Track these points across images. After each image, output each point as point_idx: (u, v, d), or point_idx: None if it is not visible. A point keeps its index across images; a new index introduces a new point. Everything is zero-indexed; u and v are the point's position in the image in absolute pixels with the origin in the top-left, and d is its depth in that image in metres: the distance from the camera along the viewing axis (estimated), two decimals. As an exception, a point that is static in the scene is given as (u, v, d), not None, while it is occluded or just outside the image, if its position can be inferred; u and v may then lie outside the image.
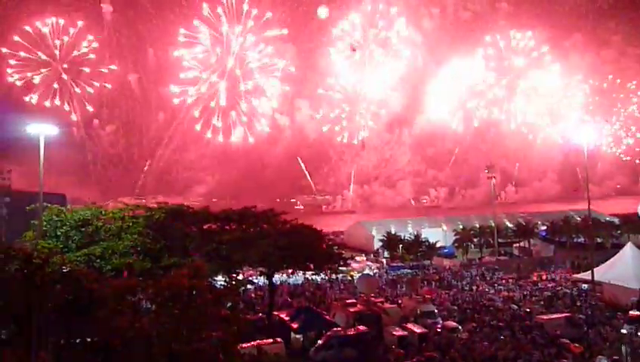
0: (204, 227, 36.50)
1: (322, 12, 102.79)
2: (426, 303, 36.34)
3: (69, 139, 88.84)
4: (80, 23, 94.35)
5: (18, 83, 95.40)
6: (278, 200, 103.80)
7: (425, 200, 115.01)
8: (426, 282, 48.83)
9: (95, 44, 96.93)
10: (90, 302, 17.51)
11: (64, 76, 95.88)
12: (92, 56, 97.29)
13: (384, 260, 63.34)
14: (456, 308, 38.23)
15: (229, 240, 33.75)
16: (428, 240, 63.38)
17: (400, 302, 38.71)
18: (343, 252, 40.31)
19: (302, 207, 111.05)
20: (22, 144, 36.39)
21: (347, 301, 36.71)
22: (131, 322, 17.31)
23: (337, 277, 46.69)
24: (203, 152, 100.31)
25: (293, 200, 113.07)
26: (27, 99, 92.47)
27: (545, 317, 32.99)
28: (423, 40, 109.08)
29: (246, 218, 36.87)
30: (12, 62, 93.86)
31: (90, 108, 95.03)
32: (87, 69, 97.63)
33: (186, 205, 39.52)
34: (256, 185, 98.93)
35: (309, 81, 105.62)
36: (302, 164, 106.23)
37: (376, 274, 53.27)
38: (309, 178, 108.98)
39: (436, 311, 35.41)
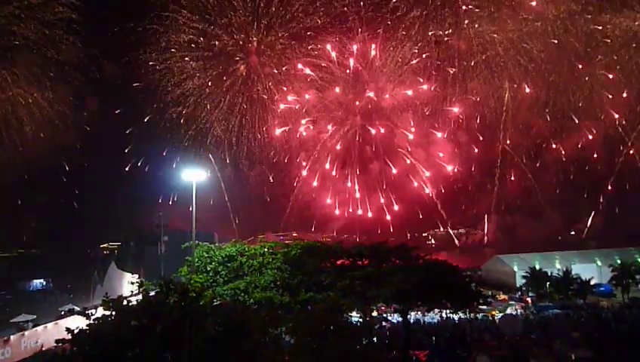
0: (337, 262, 37.29)
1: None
2: (582, 348, 32.44)
3: (224, 180, 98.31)
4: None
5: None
6: (409, 235, 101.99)
7: (575, 232, 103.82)
8: (580, 324, 43.64)
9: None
10: (237, 334, 18.68)
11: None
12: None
13: (529, 299, 58.25)
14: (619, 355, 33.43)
15: (362, 275, 33.95)
16: (580, 277, 57.04)
17: (550, 345, 35.05)
18: (482, 289, 38.09)
19: (434, 242, 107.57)
20: (181, 185, 40.53)
21: (489, 342, 34.30)
22: (273, 355, 18.10)
23: (477, 317, 44.00)
24: (338, 190, 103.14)
25: (425, 234, 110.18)
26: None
27: None
28: (565, 55, 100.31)
29: (378, 253, 36.90)
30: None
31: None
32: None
33: (319, 241, 40.90)
34: (389, 221, 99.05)
35: (446, 112, 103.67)
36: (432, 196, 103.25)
37: (521, 314, 49.03)
38: (440, 210, 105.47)
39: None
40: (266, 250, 37.46)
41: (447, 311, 39.58)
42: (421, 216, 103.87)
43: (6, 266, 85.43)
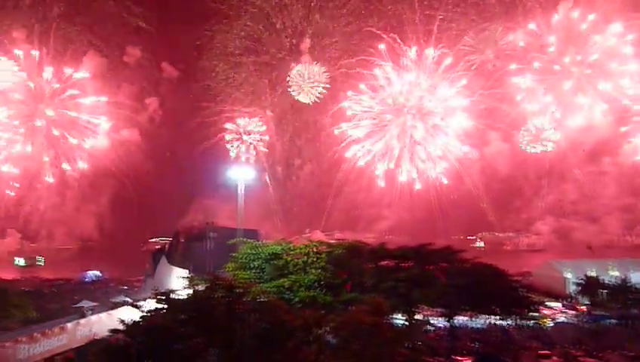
0: (381, 263, 36.98)
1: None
2: (641, 361, 30.81)
3: (273, 178, 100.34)
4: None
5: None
6: (454, 237, 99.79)
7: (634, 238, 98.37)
8: (638, 337, 41.35)
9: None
10: (282, 331, 18.92)
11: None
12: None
13: (583, 307, 55.76)
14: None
15: (406, 277, 33.54)
16: (638, 286, 54.13)
17: (605, 357, 33.44)
18: (532, 295, 36.82)
19: (482, 245, 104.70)
20: (229, 182, 41.35)
21: (540, 351, 33.11)
22: (316, 354, 18.19)
23: (527, 324, 42.52)
24: (387, 190, 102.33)
25: (473, 237, 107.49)
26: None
27: None
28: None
29: (422, 256, 36.32)
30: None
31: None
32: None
33: (362, 241, 40.68)
34: (437, 222, 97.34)
35: (499, 112, 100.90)
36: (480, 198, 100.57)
37: (574, 323, 47.00)
38: (488, 213, 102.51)
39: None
40: (310, 249, 37.66)
41: (496, 317, 38.50)
42: (470, 219, 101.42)
43: (66, 258, 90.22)
